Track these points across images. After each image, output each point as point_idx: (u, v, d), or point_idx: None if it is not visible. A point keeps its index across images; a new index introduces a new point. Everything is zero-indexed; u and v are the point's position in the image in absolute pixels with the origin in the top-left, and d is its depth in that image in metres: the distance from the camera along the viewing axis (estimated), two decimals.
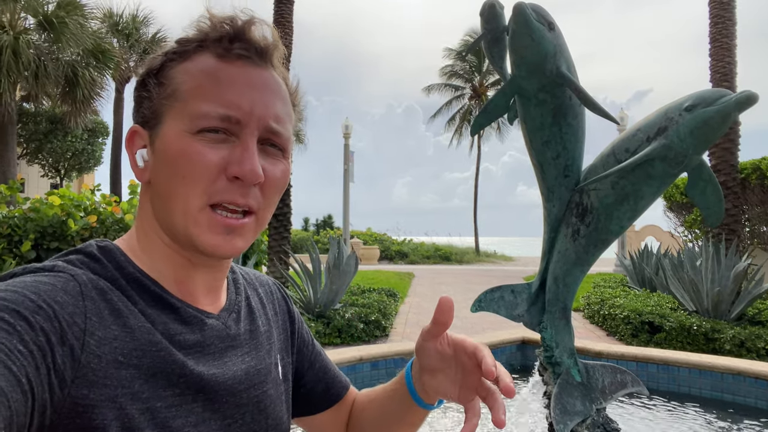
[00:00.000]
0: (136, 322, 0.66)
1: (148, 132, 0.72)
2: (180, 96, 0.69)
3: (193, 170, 0.67)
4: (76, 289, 0.63)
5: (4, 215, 7.15)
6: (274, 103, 0.72)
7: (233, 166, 0.68)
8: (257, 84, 0.71)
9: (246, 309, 0.85)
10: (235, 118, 0.68)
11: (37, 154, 22.97)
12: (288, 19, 10.19)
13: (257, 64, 0.72)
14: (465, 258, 27.60)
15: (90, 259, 0.69)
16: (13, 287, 0.59)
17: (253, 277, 0.96)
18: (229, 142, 0.69)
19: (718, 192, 2.72)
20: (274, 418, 0.82)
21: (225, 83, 0.69)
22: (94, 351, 0.60)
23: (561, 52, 2.76)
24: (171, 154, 0.68)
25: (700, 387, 4.49)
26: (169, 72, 0.71)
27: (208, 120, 0.67)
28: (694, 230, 12.31)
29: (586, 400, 3.04)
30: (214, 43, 0.71)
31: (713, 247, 6.97)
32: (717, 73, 10.30)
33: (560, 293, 3.16)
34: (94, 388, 0.59)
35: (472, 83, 33.27)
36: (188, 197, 0.68)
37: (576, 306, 8.98)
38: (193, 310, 0.74)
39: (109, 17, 22.86)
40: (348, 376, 4.18)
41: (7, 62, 14.79)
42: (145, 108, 0.72)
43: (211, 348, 0.74)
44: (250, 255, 8.62)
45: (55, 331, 0.58)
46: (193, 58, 0.71)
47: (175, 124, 0.69)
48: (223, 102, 0.68)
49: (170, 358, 0.67)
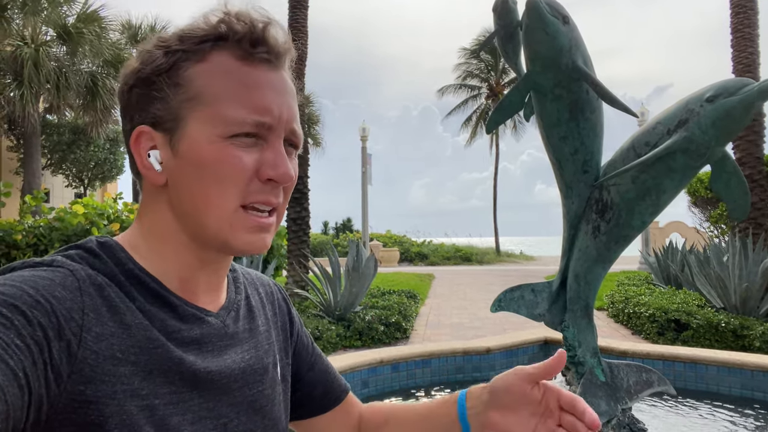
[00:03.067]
0: (133, 318, 0.66)
1: (163, 134, 0.71)
2: (205, 100, 0.69)
3: (229, 174, 0.68)
4: (75, 285, 0.63)
5: (30, 225, 7.30)
6: (293, 105, 0.74)
7: (267, 169, 0.70)
8: (280, 88, 0.73)
9: (245, 308, 0.86)
10: (267, 124, 0.70)
11: (60, 165, 23.40)
12: (303, 23, 10.23)
13: (277, 67, 0.73)
14: (485, 258, 27.45)
15: (89, 255, 0.69)
16: (12, 281, 0.59)
17: (254, 276, 0.96)
18: (258, 145, 0.70)
19: (743, 184, 2.65)
20: (270, 418, 0.82)
21: (253, 87, 0.70)
22: (91, 347, 0.61)
23: (576, 46, 2.71)
24: (204, 159, 0.69)
25: (730, 386, 4.38)
26: (185, 73, 0.70)
27: (242, 126, 0.69)
28: (720, 225, 12.07)
29: (611, 400, 2.98)
30: (234, 44, 0.71)
31: (740, 242, 6.83)
32: (739, 64, 10.08)
33: (582, 291, 3.11)
34: (91, 384, 0.59)
35: (489, 82, 33.11)
36: (223, 200, 0.69)
37: (600, 305, 8.85)
38: (192, 308, 0.74)
39: (127, 28, 23.24)
40: (368, 378, 4.17)
41: (29, 74, 15.11)
42: (157, 109, 0.71)
43: (209, 346, 0.75)
44: (271, 260, 8.68)
45: (52, 326, 0.58)
46: (211, 59, 0.70)
47: (205, 128, 0.69)
48: (255, 108, 0.69)
49: (167, 355, 0.67)
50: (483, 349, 4.94)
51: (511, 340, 5.24)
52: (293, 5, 10.23)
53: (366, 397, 4.32)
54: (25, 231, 7.06)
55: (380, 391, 4.44)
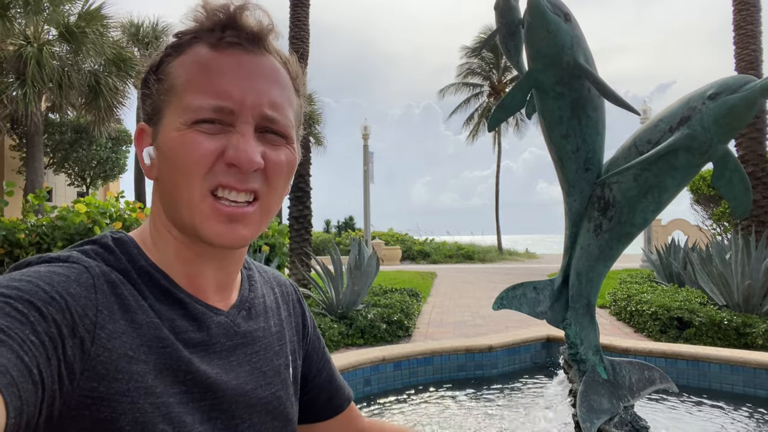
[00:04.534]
0: (144, 317, 0.67)
1: (153, 129, 0.73)
2: (176, 90, 0.70)
3: (191, 160, 0.67)
4: (89, 282, 0.64)
5: (33, 224, 7.31)
6: (269, 89, 0.71)
7: (229, 152, 0.68)
8: (250, 71, 0.70)
9: (259, 307, 0.85)
10: (227, 109, 0.68)
11: (63, 164, 23.46)
12: (304, 22, 10.23)
13: (250, 50, 0.71)
14: (488, 257, 27.40)
15: (105, 251, 0.70)
16: (28, 277, 0.60)
17: (271, 275, 0.96)
18: (225, 131, 0.69)
19: (745, 182, 2.65)
20: (281, 419, 0.81)
21: (216, 73, 0.69)
22: (104, 344, 0.61)
23: (578, 44, 2.71)
24: (170, 148, 0.69)
25: (732, 383, 4.37)
26: (167, 67, 0.72)
27: (201, 112, 0.68)
28: (722, 223, 12.04)
29: (613, 398, 2.98)
30: (207, 33, 0.71)
31: (743, 240, 6.81)
32: (742, 61, 10.05)
33: (584, 289, 3.11)
34: (104, 382, 0.60)
35: (491, 80, 33.04)
36: (189, 187, 0.68)
37: (602, 302, 8.84)
38: (201, 306, 0.74)
39: (129, 27, 23.26)
40: (370, 376, 4.16)
41: (32, 73, 15.15)
42: (148, 105, 0.73)
43: (217, 346, 0.74)
44: (273, 257, 8.68)
45: (66, 322, 0.58)
46: (188, 51, 0.71)
47: (173, 118, 0.69)
48: (214, 93, 0.68)
49: (176, 355, 0.68)
50: (485, 347, 4.94)
51: (513, 338, 5.23)
52: (294, 3, 10.22)
53: (368, 395, 4.32)
54: (27, 230, 7.08)
55: (382, 389, 4.44)
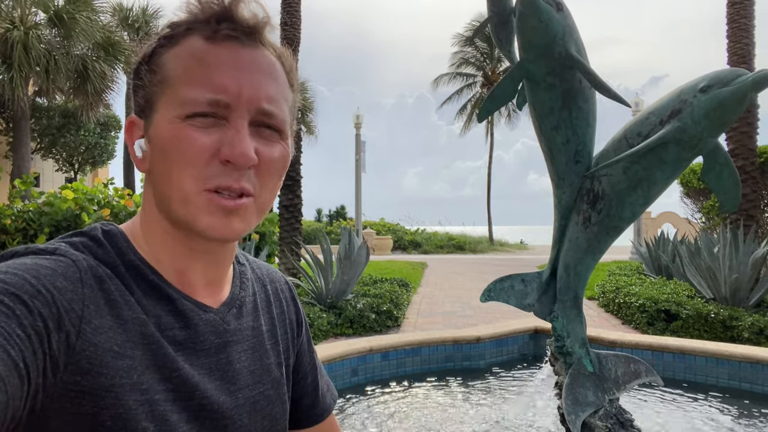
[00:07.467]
0: (130, 313, 0.66)
1: (144, 121, 0.72)
2: (170, 82, 0.69)
3: (186, 155, 0.67)
4: (76, 276, 0.63)
5: (19, 210, 7.21)
6: (265, 83, 0.70)
7: (224, 149, 0.67)
8: (246, 65, 0.69)
9: (249, 305, 0.84)
10: (223, 102, 0.67)
11: (51, 149, 23.19)
12: (296, 8, 10.11)
13: (246, 43, 0.70)
14: (479, 247, 27.51)
15: (94, 243, 0.70)
16: (14, 269, 0.59)
17: (264, 272, 0.94)
18: (219, 125, 0.68)
19: (734, 176, 2.64)
20: (270, 419, 0.81)
21: (212, 66, 0.68)
22: (89, 339, 0.61)
23: (570, 34, 2.68)
24: (163, 141, 0.68)
25: (717, 376, 4.40)
26: (160, 59, 0.70)
27: (196, 105, 0.67)
28: (712, 216, 12.12)
29: (599, 391, 2.99)
30: (202, 25, 0.69)
31: (731, 234, 6.85)
32: (735, 55, 10.06)
33: (571, 282, 3.10)
34: (88, 376, 0.59)
35: (484, 71, 32.96)
36: (183, 182, 0.67)
37: (591, 294, 8.89)
38: (189, 303, 0.73)
39: (119, 11, 22.96)
40: (358, 366, 4.15)
41: (19, 57, 14.94)
42: (140, 97, 0.72)
43: (205, 344, 0.74)
44: (263, 246, 8.63)
45: (52, 316, 0.58)
46: (182, 42, 0.70)
47: (167, 111, 0.68)
48: (210, 86, 0.67)
49: (161, 352, 0.67)
50: (473, 338, 4.94)
51: (501, 329, 5.24)
52: None
53: (355, 386, 4.32)
54: (14, 215, 6.98)
55: (369, 379, 4.43)
